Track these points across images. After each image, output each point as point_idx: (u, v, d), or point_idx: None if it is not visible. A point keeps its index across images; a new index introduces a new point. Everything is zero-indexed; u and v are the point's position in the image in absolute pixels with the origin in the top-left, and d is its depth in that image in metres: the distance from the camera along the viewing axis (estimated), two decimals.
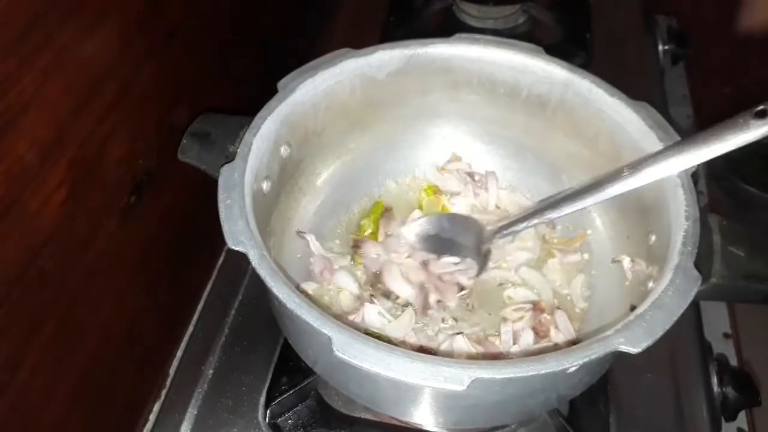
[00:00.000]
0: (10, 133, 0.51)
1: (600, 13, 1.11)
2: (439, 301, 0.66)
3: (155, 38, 0.69)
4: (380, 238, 0.72)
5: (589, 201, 0.60)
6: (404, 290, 0.66)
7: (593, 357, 0.44)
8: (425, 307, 0.65)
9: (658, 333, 0.45)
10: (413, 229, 0.70)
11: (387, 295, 0.66)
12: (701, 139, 0.53)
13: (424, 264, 0.67)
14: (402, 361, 0.43)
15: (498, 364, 0.43)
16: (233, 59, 0.90)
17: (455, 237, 0.70)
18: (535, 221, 0.64)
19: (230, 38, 0.89)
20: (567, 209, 0.61)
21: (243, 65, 0.94)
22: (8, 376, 0.56)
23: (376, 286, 0.68)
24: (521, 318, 0.65)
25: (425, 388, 0.48)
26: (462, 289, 0.67)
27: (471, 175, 0.76)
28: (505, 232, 0.66)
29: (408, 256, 0.68)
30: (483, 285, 0.69)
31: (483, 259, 0.68)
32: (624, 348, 0.45)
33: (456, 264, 0.68)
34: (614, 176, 0.58)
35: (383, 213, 0.74)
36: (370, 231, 0.73)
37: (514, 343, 0.63)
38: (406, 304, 0.66)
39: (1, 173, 0.51)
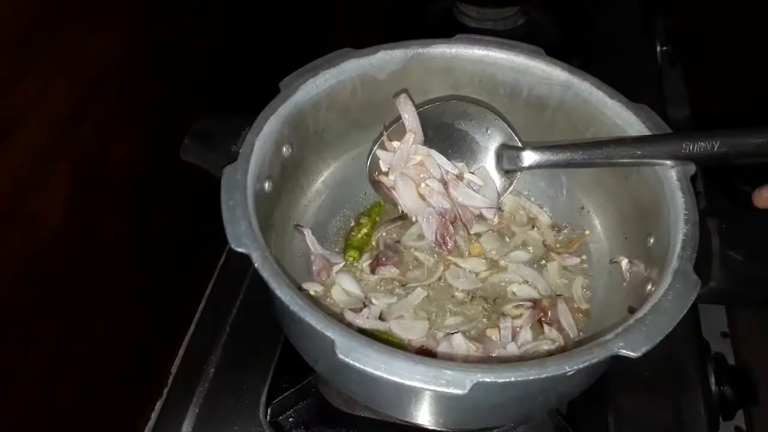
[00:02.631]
0: (13, 136, 0.52)
1: (599, 14, 1.11)
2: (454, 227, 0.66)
3: (156, 40, 0.70)
4: (374, 239, 0.72)
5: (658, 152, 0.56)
6: (414, 203, 0.66)
7: (593, 361, 0.44)
8: (443, 238, 0.65)
9: (658, 338, 0.45)
10: (427, 112, 0.68)
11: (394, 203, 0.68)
12: None
13: (445, 185, 0.67)
14: (404, 364, 0.43)
15: (499, 368, 0.44)
16: (235, 59, 0.90)
17: (475, 135, 0.68)
18: (578, 157, 0.61)
19: (232, 38, 0.89)
20: (623, 157, 0.58)
21: (245, 65, 0.94)
22: (11, 377, 0.56)
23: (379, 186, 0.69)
24: (521, 315, 0.65)
25: (427, 391, 0.48)
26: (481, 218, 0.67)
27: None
28: (541, 160, 0.64)
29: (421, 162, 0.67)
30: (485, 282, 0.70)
31: (506, 179, 0.68)
32: (624, 352, 0.45)
33: (478, 191, 0.68)
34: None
35: None
36: (365, 231, 0.73)
37: (512, 340, 0.63)
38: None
39: (3, 176, 0.51)
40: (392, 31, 1.07)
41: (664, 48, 1.11)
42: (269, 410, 0.68)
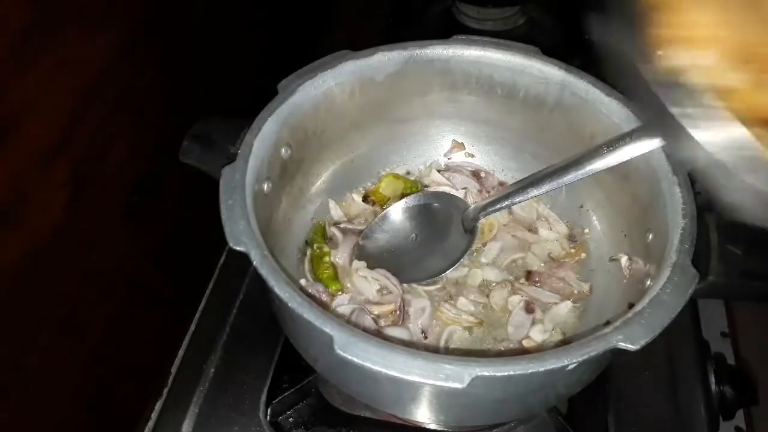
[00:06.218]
0: (13, 135, 0.52)
1: (599, 14, 1.11)
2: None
3: (156, 41, 0.70)
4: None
5: (568, 178, 0.60)
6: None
7: (592, 354, 0.44)
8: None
9: (657, 330, 0.45)
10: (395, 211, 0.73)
11: None
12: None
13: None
14: (403, 358, 0.43)
15: (498, 362, 0.44)
16: (234, 61, 0.91)
17: (438, 219, 0.73)
18: (518, 199, 0.65)
19: (231, 40, 0.89)
20: (547, 187, 0.62)
21: (243, 67, 0.94)
22: (10, 378, 0.56)
23: None
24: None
25: (426, 386, 0.48)
26: None
27: (476, 173, 0.77)
28: (490, 209, 0.68)
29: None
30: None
31: (470, 235, 0.71)
32: (623, 345, 0.45)
33: None
34: (593, 154, 0.58)
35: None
36: (328, 259, 0.71)
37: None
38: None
39: (3, 175, 0.51)
40: (392, 31, 1.07)
41: None
42: (269, 410, 0.68)
